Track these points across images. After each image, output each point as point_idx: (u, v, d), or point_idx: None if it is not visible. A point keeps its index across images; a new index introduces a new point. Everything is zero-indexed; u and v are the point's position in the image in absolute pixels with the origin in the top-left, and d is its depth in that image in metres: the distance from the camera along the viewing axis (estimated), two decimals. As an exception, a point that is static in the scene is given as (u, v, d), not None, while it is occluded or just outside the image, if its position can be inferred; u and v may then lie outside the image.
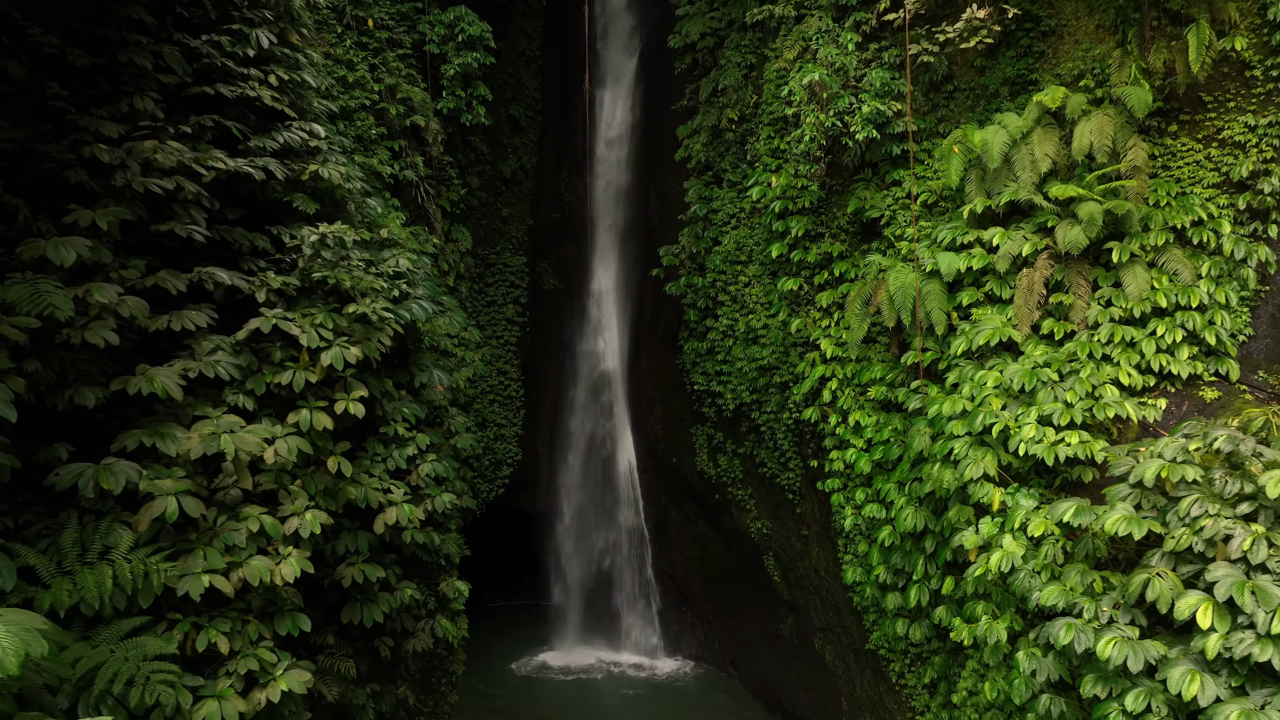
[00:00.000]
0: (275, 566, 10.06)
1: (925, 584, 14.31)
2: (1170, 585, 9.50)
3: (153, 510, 9.20)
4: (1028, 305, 14.11)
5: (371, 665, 14.32)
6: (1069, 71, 15.69)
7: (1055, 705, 10.44)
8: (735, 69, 21.85)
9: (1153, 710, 9.16)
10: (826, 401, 17.67)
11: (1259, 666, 8.73)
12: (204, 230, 11.21)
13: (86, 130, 10.79)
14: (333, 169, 13.55)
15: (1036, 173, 14.77)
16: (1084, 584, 10.40)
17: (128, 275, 10.30)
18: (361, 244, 13.54)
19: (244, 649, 9.78)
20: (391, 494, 13.25)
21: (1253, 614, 8.75)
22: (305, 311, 11.97)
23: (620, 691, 25.94)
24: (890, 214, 17.17)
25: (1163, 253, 13.65)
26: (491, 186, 26.72)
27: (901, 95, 16.95)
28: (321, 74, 15.89)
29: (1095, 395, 12.50)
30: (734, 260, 21.47)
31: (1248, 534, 9.22)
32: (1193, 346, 12.90)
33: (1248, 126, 13.87)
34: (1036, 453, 12.06)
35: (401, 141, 20.13)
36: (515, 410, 27.28)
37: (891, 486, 15.52)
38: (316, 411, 11.46)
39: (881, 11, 17.34)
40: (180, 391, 9.99)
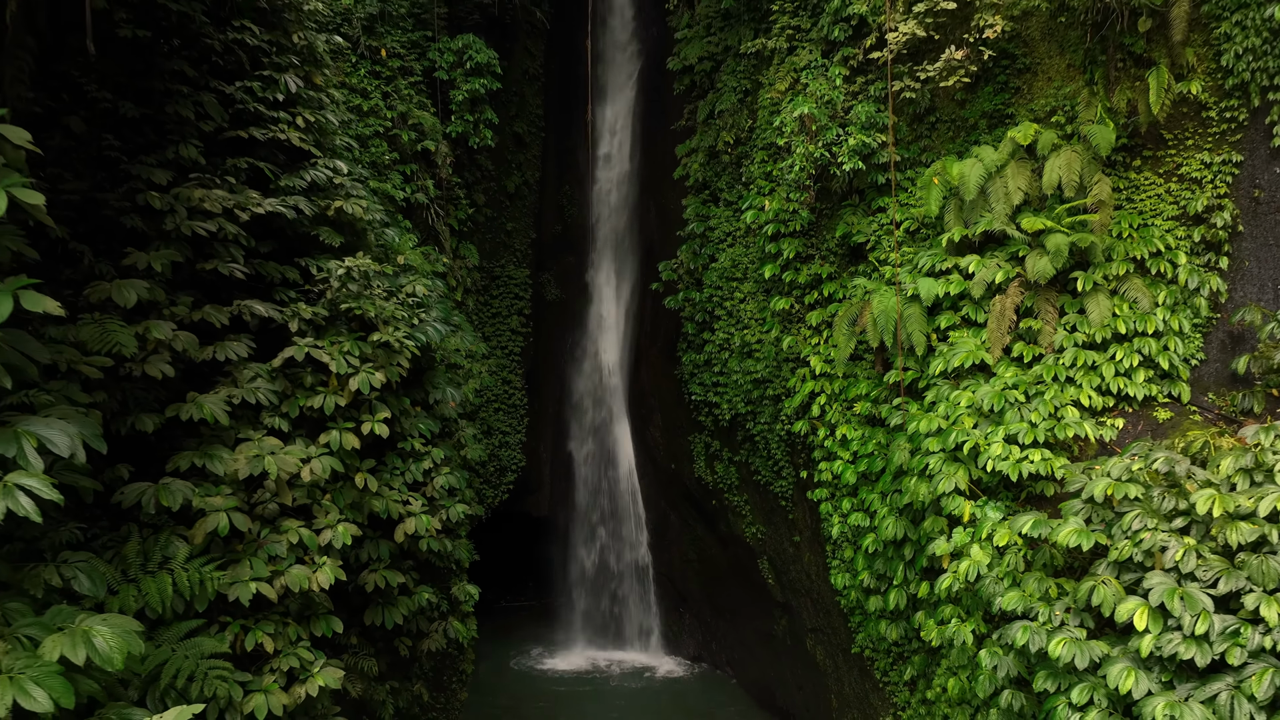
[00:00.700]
0: (312, 574, 11.33)
1: (904, 588, 15.59)
2: (1113, 591, 10.77)
3: (207, 525, 10.46)
4: (1000, 329, 15.37)
5: (390, 664, 15.59)
6: (1042, 107, 16.91)
7: (1015, 699, 11.72)
8: (731, 93, 23.08)
9: (1095, 703, 10.44)
10: (816, 415, 18.94)
11: (1185, 664, 10.00)
12: (243, 268, 12.47)
13: (139, 178, 12.04)
14: (354, 204, 14.80)
15: (1010, 204, 16.04)
16: (1040, 590, 11.68)
17: (178, 312, 11.55)
18: (381, 272, 14.75)
19: (285, 649, 11.05)
20: (410, 505, 14.51)
21: (1181, 617, 10.01)
22: (334, 339, 13.22)
23: (620, 689, 27.20)
24: (875, 239, 18.42)
25: (1124, 281, 14.90)
26: (496, 202, 27.99)
27: (886, 128, 18.19)
28: (340, 109, 17.11)
29: (1057, 416, 13.77)
30: (730, 277, 22.73)
31: (1180, 546, 10.49)
32: (1149, 370, 14.16)
33: (1204, 163, 15.11)
34: (1003, 469, 13.32)
35: (413, 166, 21.38)
36: (519, 418, 28.55)
37: (875, 497, 16.79)
38: (345, 432, 12.73)
39: (868, 48, 18.58)
40: (226, 417, 11.25)
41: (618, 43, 31.42)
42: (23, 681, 6.43)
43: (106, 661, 7.07)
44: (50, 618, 7.47)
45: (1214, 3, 14.81)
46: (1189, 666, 9.98)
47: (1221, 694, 9.55)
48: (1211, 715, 9.42)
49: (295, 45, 15.37)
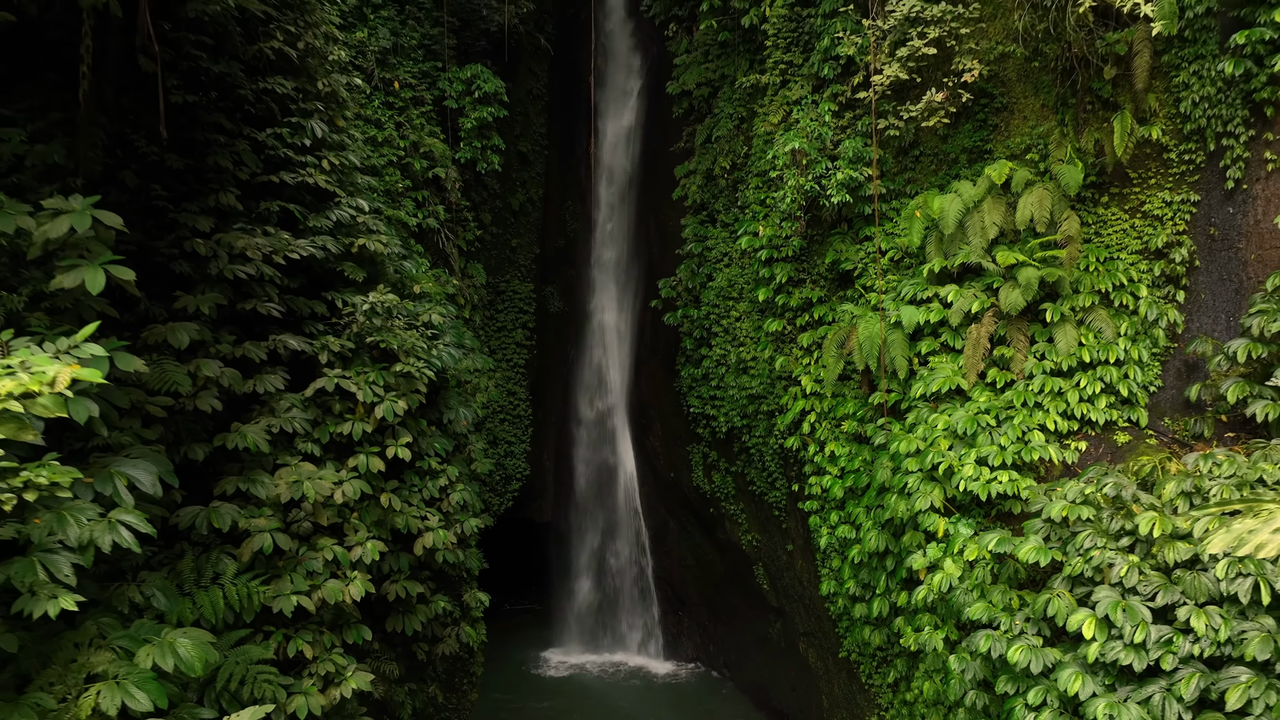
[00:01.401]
0: (345, 588, 12.69)
1: (886, 597, 16.96)
2: (1066, 604, 12.15)
3: (253, 544, 11.82)
4: (975, 356, 16.74)
5: (408, 667, 16.96)
6: (1018, 145, 18.26)
7: (980, 700, 13.10)
8: (728, 119, 24.43)
9: (1048, 704, 11.81)
10: (806, 432, 20.31)
11: (1125, 669, 11.36)
12: (279, 306, 13.82)
13: (185, 226, 13.39)
14: (375, 241, 16.17)
15: (986, 238, 17.40)
16: (1004, 601, 13.06)
17: (222, 349, 12.91)
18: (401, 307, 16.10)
19: (321, 655, 12.42)
20: (428, 520, 15.87)
21: (1123, 627, 11.37)
22: (360, 370, 14.59)
23: (621, 690, 28.59)
24: (862, 266, 19.77)
25: (1090, 313, 16.26)
26: (502, 219, 29.34)
27: (872, 162, 19.53)
28: (360, 146, 18.45)
29: (1025, 440, 15.14)
30: (726, 296, 24.10)
31: (1125, 563, 11.85)
32: (1110, 396, 15.52)
33: (1165, 202, 16.46)
34: (974, 489, 14.69)
35: (424, 192, 22.73)
36: (524, 428, 29.93)
37: (860, 511, 18.16)
38: (371, 456, 14.10)
39: (855, 85, 19.91)
40: (268, 445, 12.62)
41: (619, 63, 32.75)
42: (127, 685, 7.79)
43: (189, 668, 8.44)
44: (136, 630, 8.83)
45: (1173, 53, 16.13)
46: (1129, 671, 11.35)
47: (1155, 696, 10.92)
48: (1146, 715, 10.79)
49: (320, 91, 16.70)
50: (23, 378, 5.85)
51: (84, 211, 8.58)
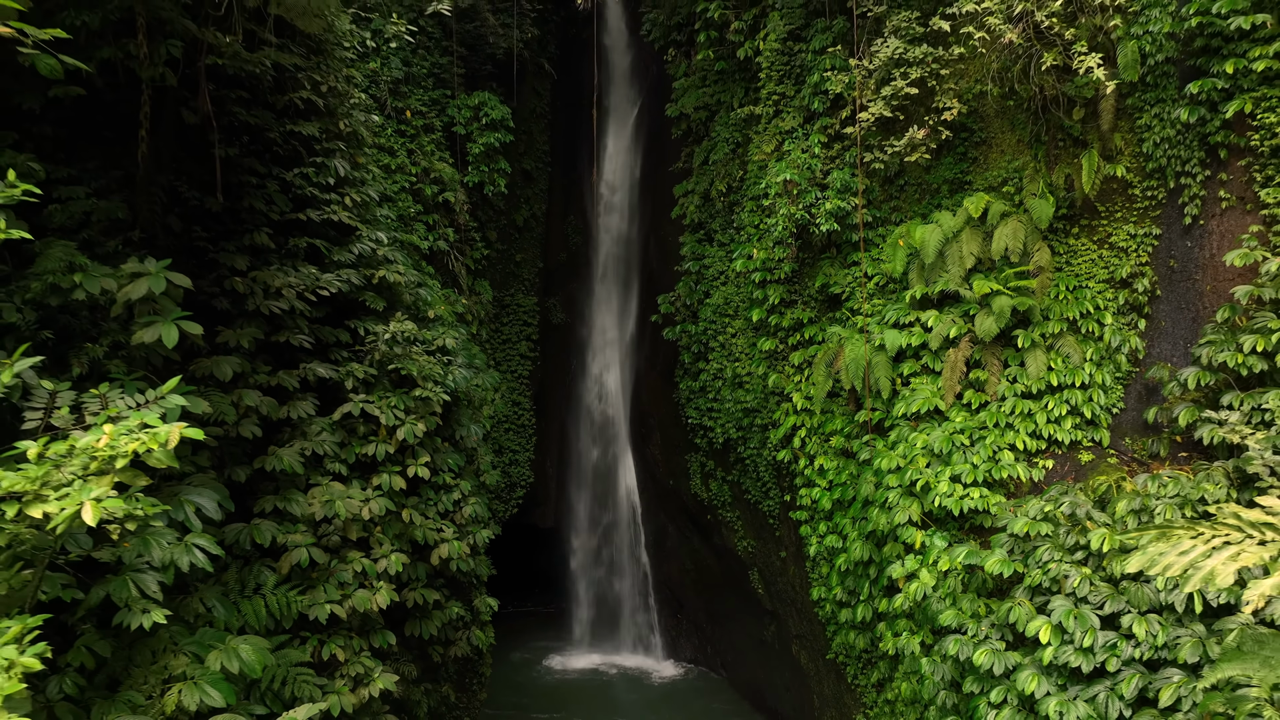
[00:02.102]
0: (373, 597, 14.14)
1: (870, 603, 18.42)
2: (1026, 612, 13.60)
3: (292, 558, 13.27)
4: (953, 379, 18.18)
5: (424, 669, 18.40)
6: (995, 177, 19.70)
7: (950, 699, 14.56)
8: (725, 144, 25.86)
9: (1008, 702, 13.27)
10: (797, 446, 21.76)
11: (1075, 670, 12.81)
12: (309, 338, 15.27)
13: (224, 265, 14.82)
14: (394, 271, 17.60)
15: (963, 267, 18.84)
16: (971, 609, 14.52)
17: (259, 379, 14.36)
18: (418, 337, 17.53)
19: (351, 658, 13.87)
20: (443, 532, 17.31)
21: (1074, 633, 12.83)
22: (382, 395, 16.04)
23: (622, 690, 30.05)
24: (850, 290, 21.22)
25: (1059, 339, 17.71)
26: (507, 236, 30.79)
27: (859, 192, 20.96)
28: (378, 179, 19.88)
29: (995, 459, 16.59)
30: (723, 313, 25.55)
31: (1078, 575, 13.30)
32: (1075, 418, 16.97)
33: (1130, 234, 17.90)
34: (948, 505, 16.15)
35: (434, 216, 24.17)
36: (528, 437, 31.39)
37: (847, 522, 19.60)
38: (394, 475, 15.55)
39: (844, 119, 21.33)
40: (301, 467, 14.06)
41: (620, 83, 34.18)
42: (203, 685, 9.23)
43: (251, 670, 9.89)
44: (201, 637, 10.28)
45: (1136, 96, 17.57)
46: (1078, 673, 12.80)
47: (1100, 694, 12.37)
48: (1092, 711, 12.25)
49: (341, 131, 18.13)
50: (143, 437, 7.27)
51: (159, 274, 10.03)
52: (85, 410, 8.71)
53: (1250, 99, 15.78)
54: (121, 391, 9.15)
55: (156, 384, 11.23)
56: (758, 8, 23.86)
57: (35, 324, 9.91)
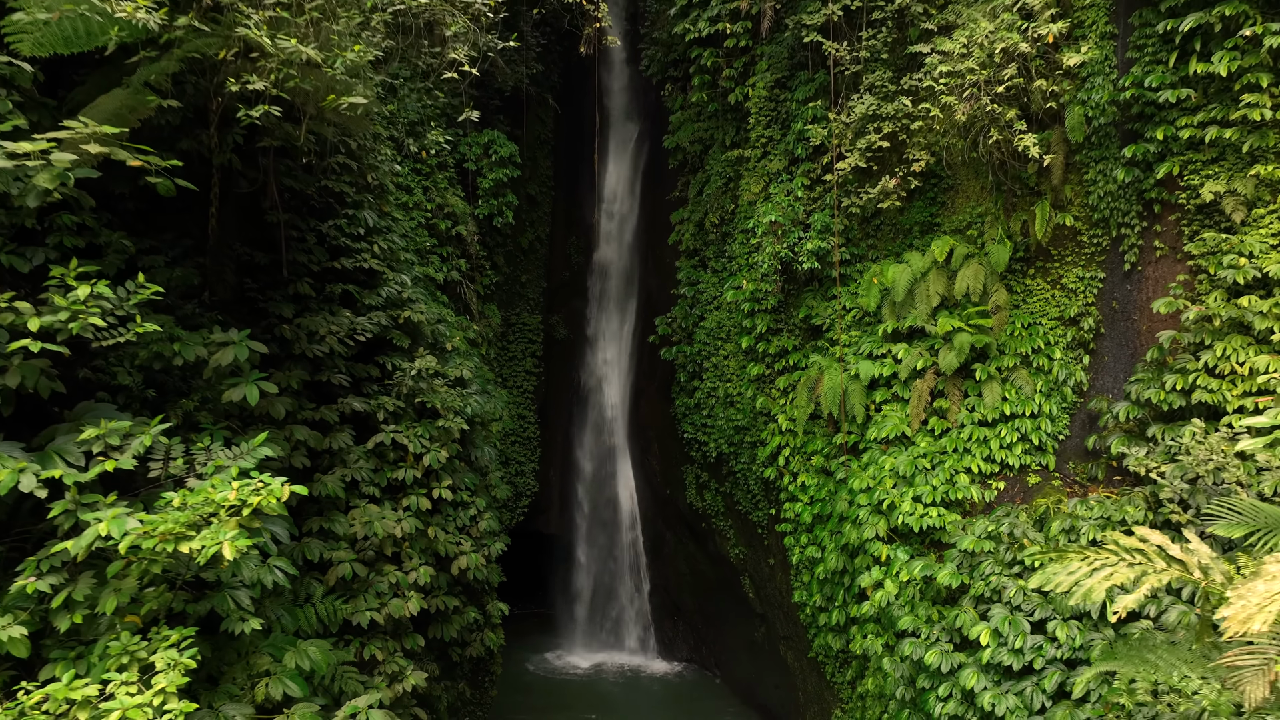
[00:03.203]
0: (405, 605, 16.62)
1: (844, 609, 20.90)
2: (971, 618, 16.09)
3: (338, 572, 15.74)
4: (919, 407, 20.65)
5: (443, 668, 20.86)
6: (961, 221, 22.13)
7: (907, 693, 17.04)
8: (718, 178, 28.29)
9: (953, 696, 15.75)
10: (782, 464, 24.23)
11: (1007, 669, 15.30)
12: (347, 377, 17.74)
13: (272, 314, 17.27)
14: (417, 311, 20.05)
15: (930, 304, 21.30)
16: (925, 615, 17.00)
17: (305, 415, 16.82)
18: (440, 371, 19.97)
19: (387, 658, 16.34)
20: (462, 546, 19.77)
21: (1009, 637, 15.31)
22: (409, 425, 18.50)
23: (621, 688, 32.56)
24: (830, 322, 23.68)
25: (1013, 372, 20.17)
26: (513, 259, 33.24)
27: (839, 233, 23.41)
28: (401, 224, 22.32)
29: (952, 481, 19.07)
30: (716, 336, 28.00)
31: (1015, 586, 15.78)
32: (1025, 444, 19.43)
33: (1078, 277, 20.34)
34: (910, 522, 18.62)
35: (448, 248, 26.61)
36: (533, 449, 33.88)
37: (825, 534, 22.08)
38: (420, 497, 18.03)
39: (824, 165, 23.79)
40: (343, 491, 16.53)
41: (620, 110, 36.63)
42: (284, 679, 11.68)
43: (318, 668, 12.36)
44: (274, 640, 12.73)
45: (1084, 153, 20.01)
46: (1011, 670, 15.28)
47: (1028, 688, 14.85)
48: (1019, 703, 14.73)
49: (370, 184, 20.58)
50: (264, 493, 9.69)
51: (242, 344, 12.49)
52: (195, 460, 11.17)
53: (1178, 162, 18.18)
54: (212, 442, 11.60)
55: (234, 427, 13.78)
56: (747, 56, 26.28)
57: (142, 384, 12.36)
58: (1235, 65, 17.15)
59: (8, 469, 9.31)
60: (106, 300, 10.27)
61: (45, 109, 12.93)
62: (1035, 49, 19.03)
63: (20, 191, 10.22)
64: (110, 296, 10.31)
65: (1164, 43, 18.24)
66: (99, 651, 9.50)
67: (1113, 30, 19.57)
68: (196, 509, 9.48)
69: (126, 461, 9.99)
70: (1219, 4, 17.18)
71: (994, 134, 19.11)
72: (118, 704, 8.60)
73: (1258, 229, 17.48)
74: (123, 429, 10.23)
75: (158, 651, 9.24)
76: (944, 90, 19.90)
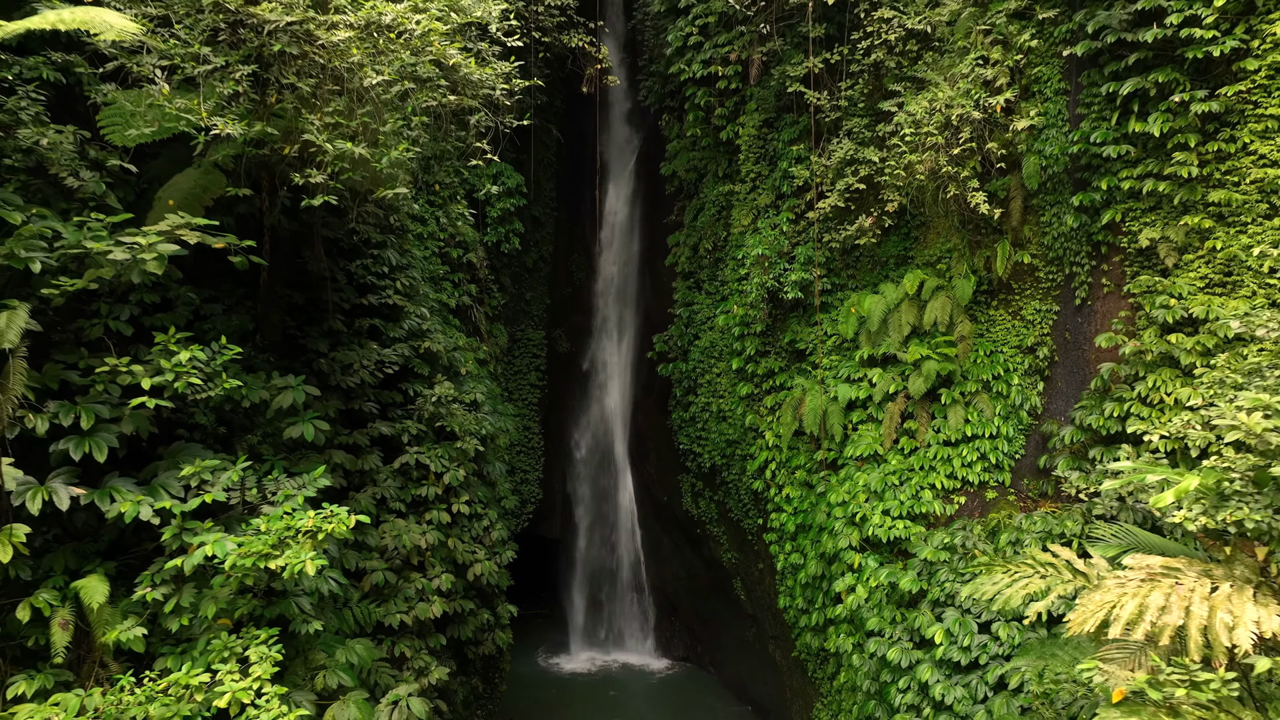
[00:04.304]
0: (430, 608, 19.21)
1: (822, 611, 23.50)
2: (928, 619, 18.69)
3: (373, 579, 18.33)
4: (890, 428, 23.23)
5: (459, 665, 23.46)
6: (932, 255, 24.69)
7: (873, 686, 19.64)
8: (711, 206, 30.84)
9: (911, 688, 18.36)
10: (769, 477, 26.83)
11: (957, 664, 17.90)
12: (375, 404, 20.33)
13: (310, 349, 19.84)
14: (435, 342, 22.63)
15: (902, 334, 23.87)
16: (889, 617, 19.60)
17: (340, 440, 19.41)
18: (457, 398, 22.55)
19: (414, 655, 18.94)
20: (477, 554, 22.37)
21: (958, 636, 17.90)
22: (430, 447, 21.10)
23: (621, 684, 35.21)
24: (812, 346, 26.27)
25: (975, 396, 22.74)
26: (518, 278, 35.83)
27: (821, 264, 25.98)
28: (419, 262, 24.90)
29: (918, 496, 21.66)
30: (709, 354, 30.59)
31: (965, 591, 18.35)
32: (984, 462, 22.01)
33: (1036, 310, 22.88)
34: (879, 534, 21.21)
35: (460, 274, 29.18)
36: (537, 458, 36.50)
37: (807, 543, 24.68)
38: (441, 512, 20.62)
39: (808, 202, 26.36)
40: (374, 507, 19.12)
41: (619, 134, 39.20)
42: (337, 672, 14.27)
43: (363, 663, 14.95)
44: (325, 639, 15.32)
45: (1040, 198, 22.55)
46: (959, 665, 17.88)
47: (973, 681, 17.46)
48: (966, 694, 17.33)
49: (392, 225, 23.15)
50: (334, 521, 12.28)
51: (299, 388, 15.10)
52: (266, 490, 13.77)
53: (1121, 209, 20.70)
54: (279, 474, 14.21)
55: (288, 455, 16.37)
56: (737, 97, 28.84)
57: (215, 423, 14.95)
58: (1167, 126, 19.62)
59: (130, 502, 11.92)
60: (200, 361, 12.85)
61: (128, 184, 15.55)
62: (986, 115, 21.57)
63: (125, 269, 12.80)
64: (202, 358, 12.89)
65: (1108, 102, 20.74)
66: (201, 647, 12.11)
67: (1065, 87, 22.10)
68: (277, 533, 12.07)
69: (218, 494, 12.60)
70: (1154, 71, 19.68)
71: (951, 189, 21.66)
72: (226, 687, 11.21)
73: (1187, 273, 20.01)
74: (213, 465, 12.84)
75: (250, 647, 11.83)
76: (907, 150, 22.44)
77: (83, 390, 12.87)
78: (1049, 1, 21.92)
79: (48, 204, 13.89)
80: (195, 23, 13.49)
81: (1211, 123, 19.53)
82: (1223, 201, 19.22)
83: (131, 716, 10.94)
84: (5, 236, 12.45)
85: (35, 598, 11.72)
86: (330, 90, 14.15)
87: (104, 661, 11.98)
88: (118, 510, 11.99)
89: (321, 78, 13.93)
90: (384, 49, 14.21)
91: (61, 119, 14.59)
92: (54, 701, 11.13)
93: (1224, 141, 19.41)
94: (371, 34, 13.84)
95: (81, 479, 12.47)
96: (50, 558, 12.39)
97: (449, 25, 14.92)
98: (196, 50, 13.16)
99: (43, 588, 11.95)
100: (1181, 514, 10.64)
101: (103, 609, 11.76)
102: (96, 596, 11.59)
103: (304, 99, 13.97)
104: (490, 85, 16.07)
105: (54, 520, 12.55)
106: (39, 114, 13.67)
